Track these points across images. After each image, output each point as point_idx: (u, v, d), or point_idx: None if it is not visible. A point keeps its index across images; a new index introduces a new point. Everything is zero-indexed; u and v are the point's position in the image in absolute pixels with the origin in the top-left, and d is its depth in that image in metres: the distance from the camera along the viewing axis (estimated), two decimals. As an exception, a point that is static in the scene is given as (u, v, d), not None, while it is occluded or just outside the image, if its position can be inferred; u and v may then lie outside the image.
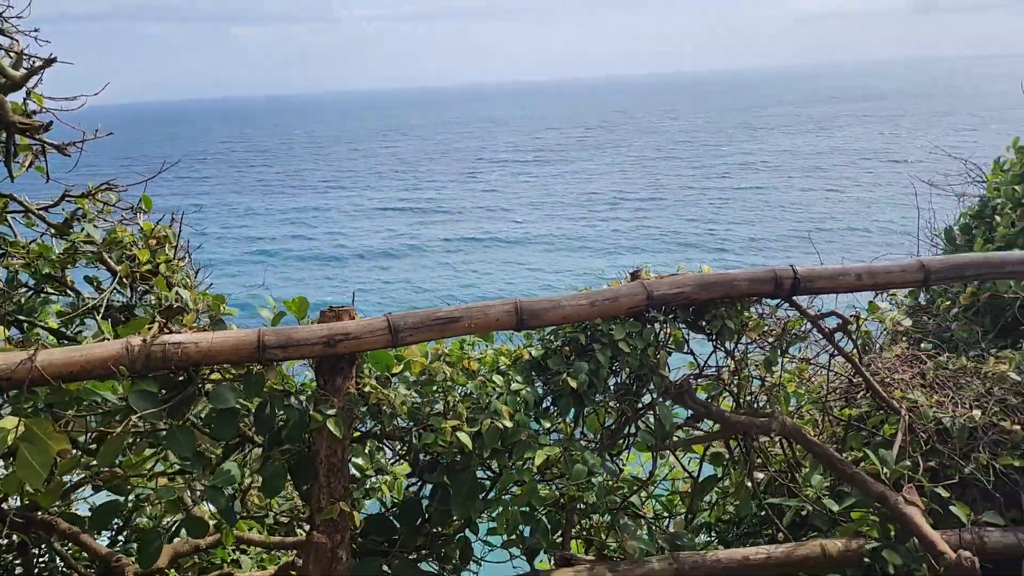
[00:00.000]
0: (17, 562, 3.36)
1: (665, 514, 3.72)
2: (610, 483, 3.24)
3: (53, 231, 3.78)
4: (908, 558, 2.86)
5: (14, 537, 3.28)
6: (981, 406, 3.30)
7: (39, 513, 3.17)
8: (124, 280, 3.69)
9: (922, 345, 4.05)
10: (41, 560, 3.53)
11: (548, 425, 3.06)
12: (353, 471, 3.09)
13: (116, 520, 3.69)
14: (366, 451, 3.10)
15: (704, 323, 3.14)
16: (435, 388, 2.92)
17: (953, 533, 3.09)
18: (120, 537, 3.82)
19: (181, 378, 2.72)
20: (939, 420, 3.26)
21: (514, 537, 3.09)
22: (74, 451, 2.84)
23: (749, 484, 3.37)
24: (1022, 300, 3.86)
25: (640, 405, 3.17)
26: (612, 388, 3.14)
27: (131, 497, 3.45)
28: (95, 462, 2.91)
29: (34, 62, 3.32)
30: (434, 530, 3.17)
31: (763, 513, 3.53)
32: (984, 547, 3.11)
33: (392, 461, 3.29)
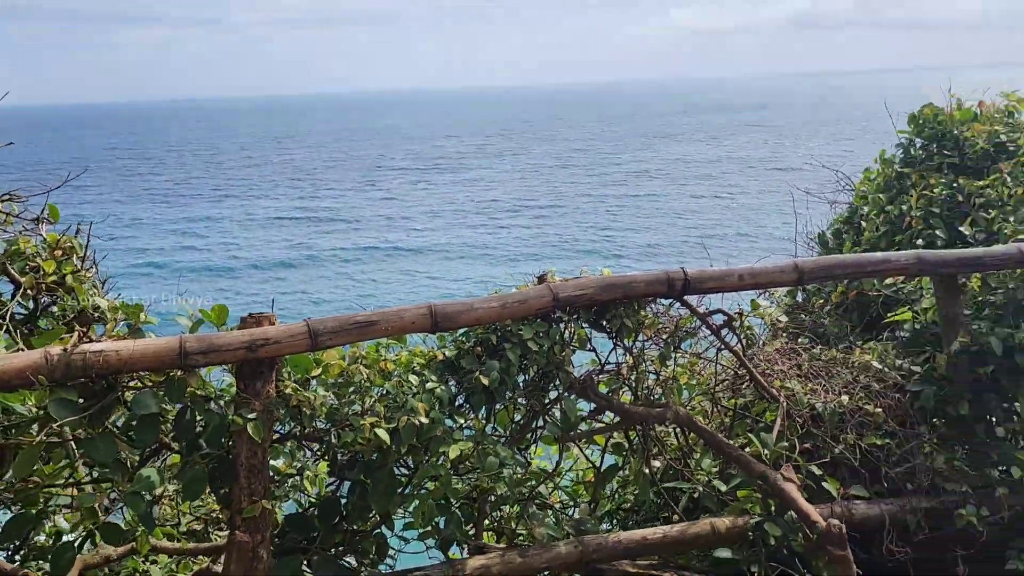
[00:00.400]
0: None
1: (571, 503, 3.94)
2: (520, 475, 3.45)
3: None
4: (786, 529, 3.19)
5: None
6: (849, 392, 3.67)
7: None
8: (28, 292, 3.65)
9: (800, 339, 4.43)
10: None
11: (461, 421, 3.24)
12: (273, 472, 3.18)
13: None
14: (286, 451, 3.20)
15: (605, 322, 3.39)
16: (353, 389, 3.06)
17: (826, 506, 3.44)
18: (20, 552, 3.75)
19: (100, 386, 2.76)
20: (813, 406, 3.61)
21: (429, 529, 3.25)
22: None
23: (647, 471, 3.64)
24: (884, 297, 4.29)
25: (547, 400, 3.39)
26: (521, 385, 3.35)
27: (37, 509, 3.42)
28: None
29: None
30: (352, 527, 3.29)
31: (661, 499, 3.81)
32: (852, 518, 3.48)
33: (311, 461, 3.39)
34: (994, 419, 3.55)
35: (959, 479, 3.51)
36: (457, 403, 3.28)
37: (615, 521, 4.12)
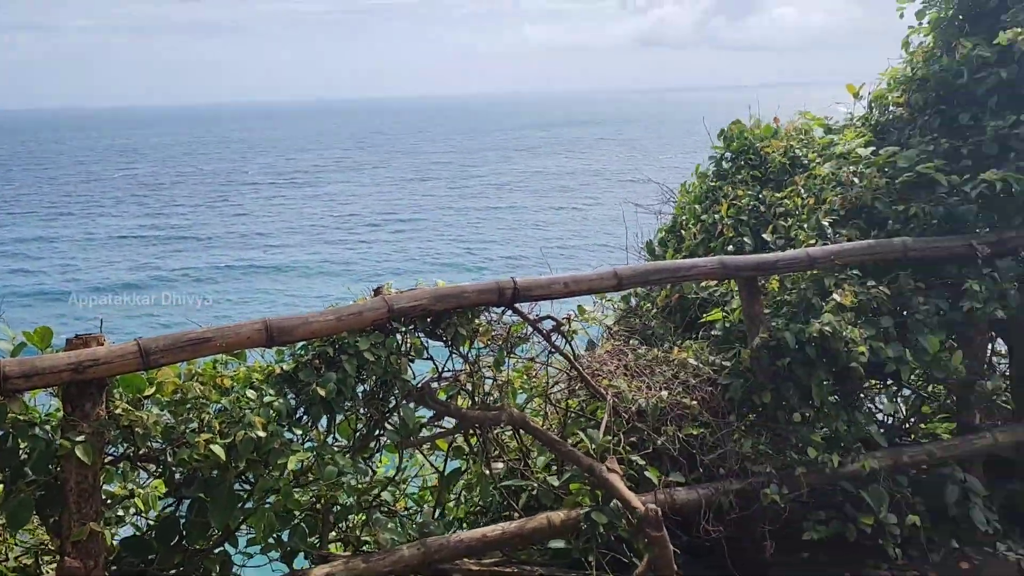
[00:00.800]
0: None
1: (416, 508, 4.07)
2: (364, 484, 3.55)
3: None
4: (612, 517, 3.45)
5: None
6: (669, 388, 4.01)
7: None
8: None
9: (631, 341, 4.76)
10: None
11: (301, 433, 3.31)
12: (107, 496, 3.13)
13: None
14: (119, 473, 3.16)
15: (440, 331, 3.55)
16: (188, 407, 3.07)
17: (650, 494, 3.75)
18: None
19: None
20: (637, 402, 3.92)
21: (272, 542, 3.30)
22: None
23: (487, 472, 3.83)
24: (701, 299, 4.69)
25: (387, 409, 3.51)
26: (361, 395, 3.45)
27: None
28: None
29: None
30: (193, 547, 3.28)
31: (504, 499, 4.01)
32: (675, 503, 3.81)
33: (147, 482, 3.36)
34: (792, 405, 3.96)
35: (764, 462, 3.90)
36: (298, 416, 3.35)
37: (465, 524, 4.29)
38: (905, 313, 4.17)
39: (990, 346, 4.78)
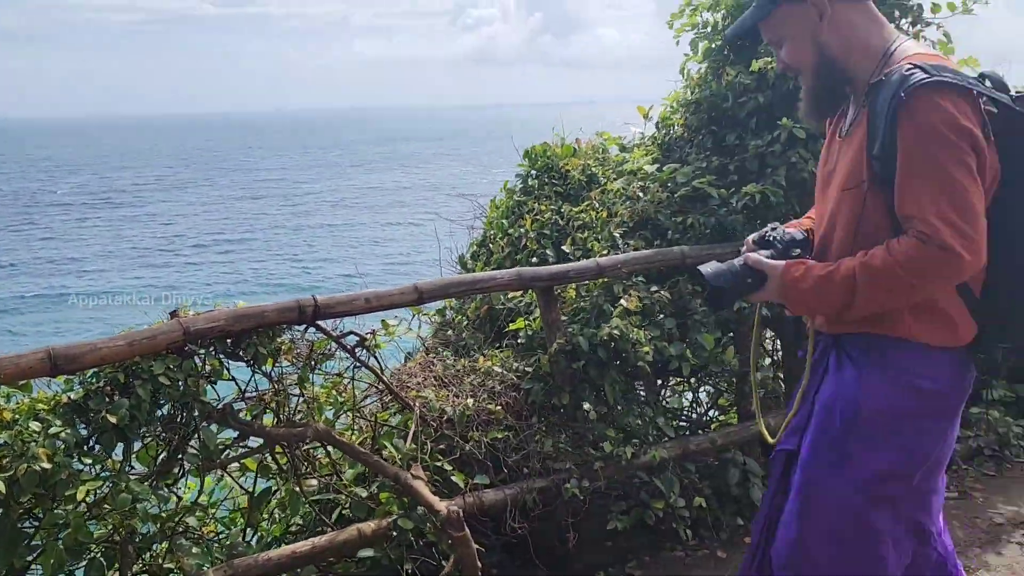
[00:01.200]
0: None
1: (226, 531, 4.03)
2: (167, 511, 3.48)
3: None
4: (418, 522, 3.58)
5: None
6: (475, 395, 4.20)
7: None
8: None
9: (444, 353, 4.92)
10: None
11: (92, 463, 3.21)
12: None
13: None
14: None
15: (241, 352, 3.55)
16: (-38, 444, 2.91)
17: (459, 497, 3.91)
18: None
19: None
20: (444, 410, 4.08)
21: (64, 578, 3.17)
22: None
23: (297, 489, 3.85)
24: (507, 310, 4.93)
25: (187, 432, 3.47)
26: (159, 420, 3.39)
27: None
28: None
29: None
30: (-25, 592, 3.11)
31: (319, 517, 4.04)
32: (483, 504, 3.99)
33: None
34: (588, 405, 4.26)
35: (564, 459, 4.17)
36: (90, 445, 3.25)
37: (283, 543, 4.27)
38: (686, 314, 4.59)
39: (764, 341, 5.34)
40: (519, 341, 4.64)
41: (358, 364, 3.89)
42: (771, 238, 2.69)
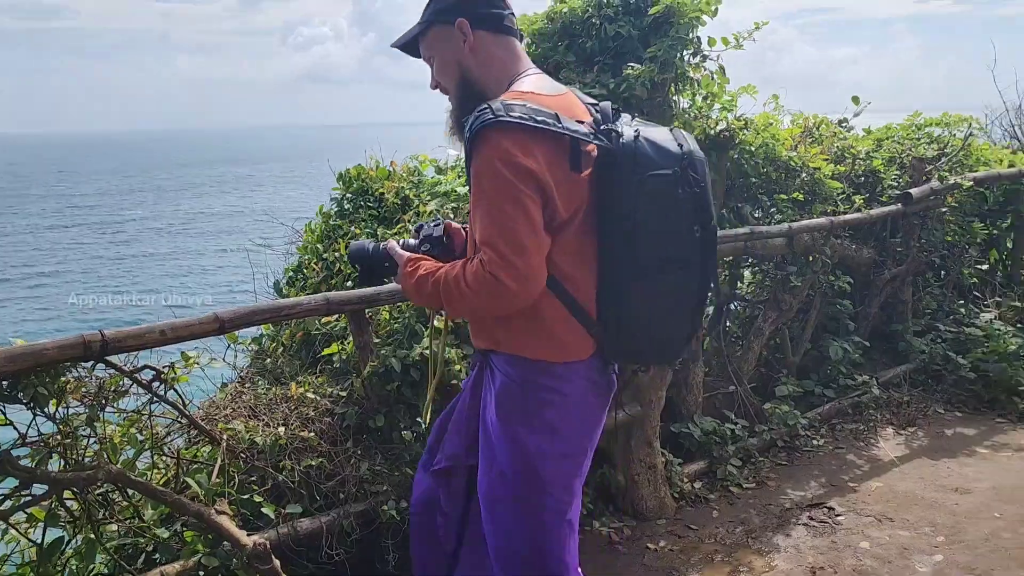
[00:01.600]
0: None
1: (13, 589, 3.72)
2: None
3: None
4: (224, 559, 3.47)
5: None
6: (286, 423, 4.12)
7: None
8: None
9: (259, 382, 4.79)
10: None
11: None
12: None
13: None
14: None
15: (20, 394, 3.31)
16: None
17: (272, 530, 3.82)
18: None
19: None
20: (254, 441, 3.97)
21: None
22: None
23: (92, 536, 3.62)
24: (323, 335, 4.88)
25: (-43, 485, 3.19)
26: (-79, 475, 3.10)
27: None
28: None
29: None
30: None
31: (118, 564, 3.81)
32: (298, 534, 3.92)
33: None
34: (403, 425, 4.28)
35: (381, 481, 4.16)
36: None
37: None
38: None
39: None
40: (335, 365, 4.60)
41: (156, 400, 3.72)
42: (421, 231, 2.98)
